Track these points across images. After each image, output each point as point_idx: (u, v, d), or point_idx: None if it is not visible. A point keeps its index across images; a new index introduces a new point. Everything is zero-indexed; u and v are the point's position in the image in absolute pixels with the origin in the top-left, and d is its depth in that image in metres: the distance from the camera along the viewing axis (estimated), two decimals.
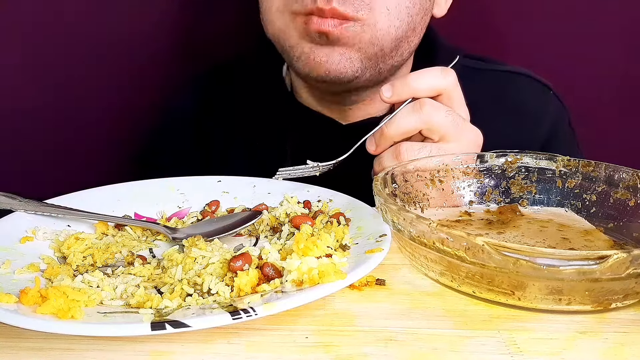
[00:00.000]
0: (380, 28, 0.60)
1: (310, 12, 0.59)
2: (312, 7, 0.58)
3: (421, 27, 0.66)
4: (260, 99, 0.75)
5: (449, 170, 0.53)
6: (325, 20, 0.58)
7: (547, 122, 0.76)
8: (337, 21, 0.59)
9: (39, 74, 0.84)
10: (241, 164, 0.73)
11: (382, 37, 0.61)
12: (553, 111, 0.77)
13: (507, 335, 0.34)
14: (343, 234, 0.44)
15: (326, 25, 0.58)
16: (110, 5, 0.84)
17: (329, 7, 0.57)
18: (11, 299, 0.34)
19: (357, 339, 0.34)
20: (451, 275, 0.38)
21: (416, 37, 0.66)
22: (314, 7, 0.58)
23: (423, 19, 0.65)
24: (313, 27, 0.59)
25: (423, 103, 0.54)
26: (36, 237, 0.44)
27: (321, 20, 0.58)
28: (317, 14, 0.59)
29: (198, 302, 0.36)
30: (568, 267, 0.33)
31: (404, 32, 0.63)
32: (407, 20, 0.62)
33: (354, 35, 0.60)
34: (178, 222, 0.51)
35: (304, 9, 0.59)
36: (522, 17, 0.88)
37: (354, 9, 0.58)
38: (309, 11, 0.59)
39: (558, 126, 0.76)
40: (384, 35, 0.61)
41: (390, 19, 0.61)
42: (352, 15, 0.59)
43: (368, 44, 0.61)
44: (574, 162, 0.52)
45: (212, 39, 0.89)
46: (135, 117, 0.89)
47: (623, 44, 0.88)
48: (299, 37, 0.62)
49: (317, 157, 0.56)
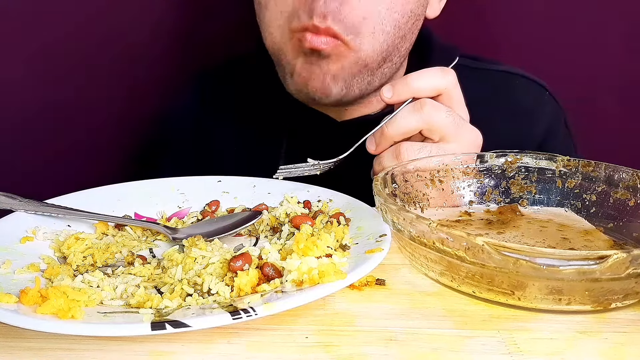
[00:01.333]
0: (364, 50, 0.61)
1: (305, 28, 0.60)
2: (308, 23, 0.59)
3: (412, 32, 0.66)
4: (258, 98, 0.75)
5: (448, 170, 0.53)
6: (319, 37, 0.59)
7: (544, 123, 0.76)
8: (329, 39, 0.59)
9: (39, 74, 0.84)
10: (239, 163, 0.73)
11: (366, 57, 0.62)
12: (549, 111, 0.77)
13: (507, 335, 0.34)
14: (343, 234, 0.44)
15: (319, 43, 0.59)
16: (111, 6, 0.85)
17: (324, 26, 0.58)
18: (11, 299, 0.34)
19: (357, 339, 0.34)
20: (451, 275, 0.38)
21: (407, 43, 0.66)
22: (310, 24, 0.59)
23: (414, 24, 0.66)
24: (306, 45, 0.60)
25: (423, 103, 0.54)
26: (36, 237, 0.44)
27: (315, 37, 0.59)
28: (311, 31, 0.59)
29: (198, 302, 0.36)
30: (568, 267, 0.33)
31: (391, 44, 0.63)
32: (394, 32, 0.62)
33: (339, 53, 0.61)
34: (178, 222, 0.51)
35: (300, 26, 0.60)
36: (516, 17, 0.88)
37: (345, 30, 0.59)
38: (304, 27, 0.60)
39: (554, 126, 0.77)
40: (368, 55, 0.62)
41: (375, 38, 0.61)
42: (342, 36, 0.59)
43: (351, 64, 0.62)
44: (574, 162, 0.52)
45: (212, 40, 0.89)
46: (135, 117, 0.89)
47: (623, 44, 0.88)
48: (293, 56, 0.63)
49: (313, 154, 0.56)
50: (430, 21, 0.71)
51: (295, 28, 0.61)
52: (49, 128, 0.86)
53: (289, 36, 0.62)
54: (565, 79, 0.83)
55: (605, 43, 0.88)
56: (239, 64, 0.81)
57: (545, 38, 0.88)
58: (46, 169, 0.87)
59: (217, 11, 0.88)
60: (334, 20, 0.58)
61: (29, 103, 0.85)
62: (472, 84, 0.61)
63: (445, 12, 0.71)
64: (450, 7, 0.72)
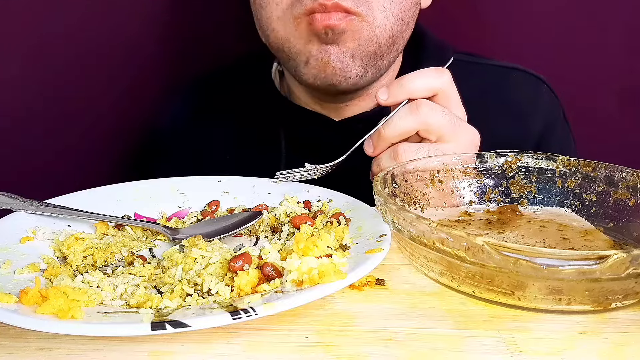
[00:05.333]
0: (377, 25, 0.61)
1: (312, 11, 0.59)
2: (314, 4, 0.59)
3: (413, 21, 0.67)
4: (254, 101, 0.75)
5: (448, 170, 0.53)
6: (330, 14, 0.59)
7: (542, 116, 0.76)
8: (341, 14, 0.59)
9: (39, 75, 0.84)
10: (238, 167, 0.73)
11: (380, 33, 0.62)
12: (548, 104, 0.77)
13: (507, 335, 0.34)
14: (343, 234, 0.44)
15: (332, 20, 0.59)
16: (111, 7, 0.85)
17: (332, 2, 0.58)
18: (11, 299, 0.34)
19: (357, 339, 0.34)
20: (451, 275, 0.38)
21: (409, 32, 0.67)
22: (316, 5, 0.58)
23: (415, 12, 0.66)
24: (318, 25, 0.59)
25: (419, 104, 0.54)
26: (36, 237, 0.44)
27: (325, 15, 0.59)
28: (320, 11, 0.59)
29: (198, 302, 0.36)
30: (568, 267, 0.33)
31: (399, 28, 0.64)
32: (401, 16, 0.63)
33: (356, 29, 0.60)
34: (178, 222, 0.51)
35: (306, 10, 0.59)
36: (516, 17, 0.88)
37: (354, 4, 0.59)
38: (310, 10, 0.59)
39: (553, 119, 0.77)
40: (382, 32, 0.62)
41: (386, 15, 0.62)
42: (353, 9, 0.59)
43: (367, 41, 0.62)
44: (574, 162, 0.52)
45: (210, 43, 0.89)
46: (135, 117, 0.89)
47: (623, 44, 0.88)
48: (305, 42, 0.62)
49: (312, 154, 0.56)
50: (431, 20, 0.71)
51: (299, 14, 0.60)
52: (49, 128, 0.86)
53: (294, 25, 0.62)
54: (565, 79, 0.83)
55: (605, 43, 0.88)
56: (233, 68, 0.81)
57: (545, 38, 0.88)
58: (46, 169, 0.87)
59: (216, 12, 0.88)
60: None
61: (29, 103, 0.85)
62: (468, 78, 0.61)
63: (437, 6, 0.71)
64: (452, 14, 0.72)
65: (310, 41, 0.62)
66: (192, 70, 0.87)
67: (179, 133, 0.79)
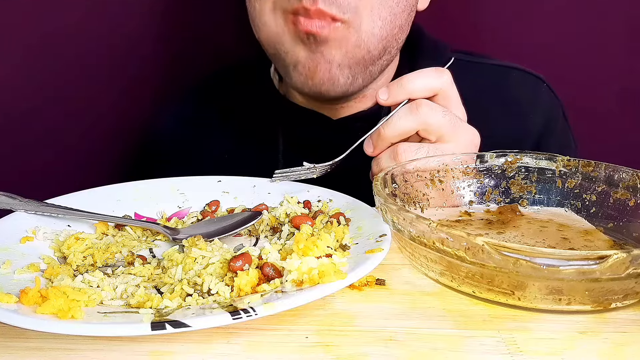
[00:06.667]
0: (364, 30, 0.60)
1: (296, 11, 0.59)
2: (298, 5, 0.58)
3: (407, 23, 0.66)
4: (251, 102, 0.75)
5: (448, 170, 0.53)
6: (312, 21, 0.58)
7: (542, 115, 0.76)
8: (324, 22, 0.58)
9: (38, 75, 0.84)
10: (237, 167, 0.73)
11: (368, 39, 0.61)
12: (547, 104, 0.77)
13: (507, 335, 0.34)
14: (343, 234, 0.44)
15: (313, 26, 0.58)
16: (111, 7, 0.85)
17: (314, 8, 0.57)
18: (11, 299, 0.34)
19: (357, 339, 0.34)
20: (451, 275, 0.38)
21: (403, 34, 0.66)
22: (300, 6, 0.58)
23: (409, 15, 0.65)
24: (301, 28, 0.59)
25: (419, 104, 0.54)
26: (36, 237, 0.44)
27: (308, 20, 0.58)
28: (303, 14, 0.58)
29: (198, 302, 0.36)
30: (568, 267, 0.33)
31: (389, 32, 0.62)
32: (390, 19, 0.62)
33: (341, 37, 0.59)
34: (178, 222, 0.51)
35: (291, 7, 0.59)
36: (516, 17, 0.88)
37: (339, 10, 0.58)
38: (294, 10, 0.59)
39: (553, 118, 0.77)
40: (369, 37, 0.61)
41: (374, 19, 0.60)
42: (338, 16, 0.58)
43: (354, 48, 0.61)
44: (574, 162, 0.52)
45: (210, 43, 0.89)
46: (135, 117, 0.89)
47: (623, 44, 0.88)
48: (292, 41, 0.61)
49: (310, 153, 0.56)
50: (428, 21, 0.71)
51: (287, 9, 0.60)
52: (49, 128, 0.86)
53: (284, 19, 0.61)
54: (565, 79, 0.83)
55: (606, 43, 0.88)
56: (233, 68, 0.81)
57: (545, 38, 0.88)
58: (46, 169, 0.87)
59: (216, 11, 0.88)
60: (325, 3, 0.57)
61: (29, 103, 0.85)
62: (467, 78, 0.61)
63: (434, 6, 0.71)
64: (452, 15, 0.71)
65: (296, 43, 0.61)
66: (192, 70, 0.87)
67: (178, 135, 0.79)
